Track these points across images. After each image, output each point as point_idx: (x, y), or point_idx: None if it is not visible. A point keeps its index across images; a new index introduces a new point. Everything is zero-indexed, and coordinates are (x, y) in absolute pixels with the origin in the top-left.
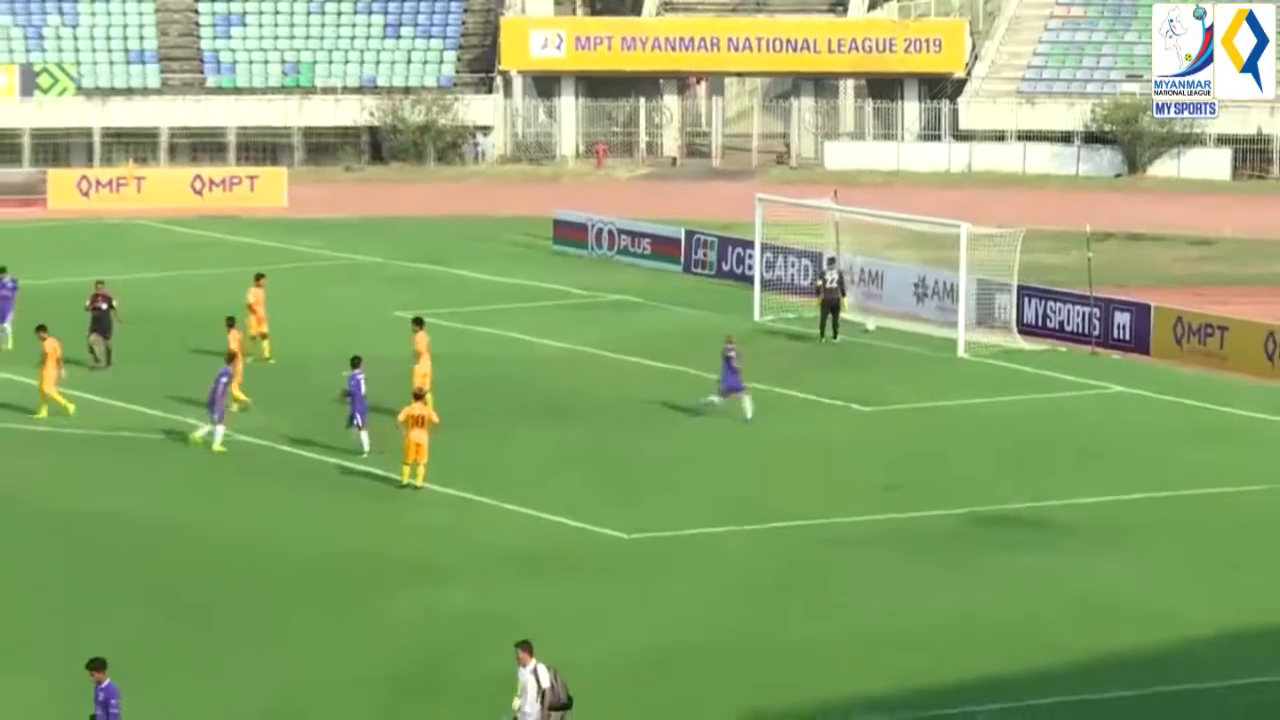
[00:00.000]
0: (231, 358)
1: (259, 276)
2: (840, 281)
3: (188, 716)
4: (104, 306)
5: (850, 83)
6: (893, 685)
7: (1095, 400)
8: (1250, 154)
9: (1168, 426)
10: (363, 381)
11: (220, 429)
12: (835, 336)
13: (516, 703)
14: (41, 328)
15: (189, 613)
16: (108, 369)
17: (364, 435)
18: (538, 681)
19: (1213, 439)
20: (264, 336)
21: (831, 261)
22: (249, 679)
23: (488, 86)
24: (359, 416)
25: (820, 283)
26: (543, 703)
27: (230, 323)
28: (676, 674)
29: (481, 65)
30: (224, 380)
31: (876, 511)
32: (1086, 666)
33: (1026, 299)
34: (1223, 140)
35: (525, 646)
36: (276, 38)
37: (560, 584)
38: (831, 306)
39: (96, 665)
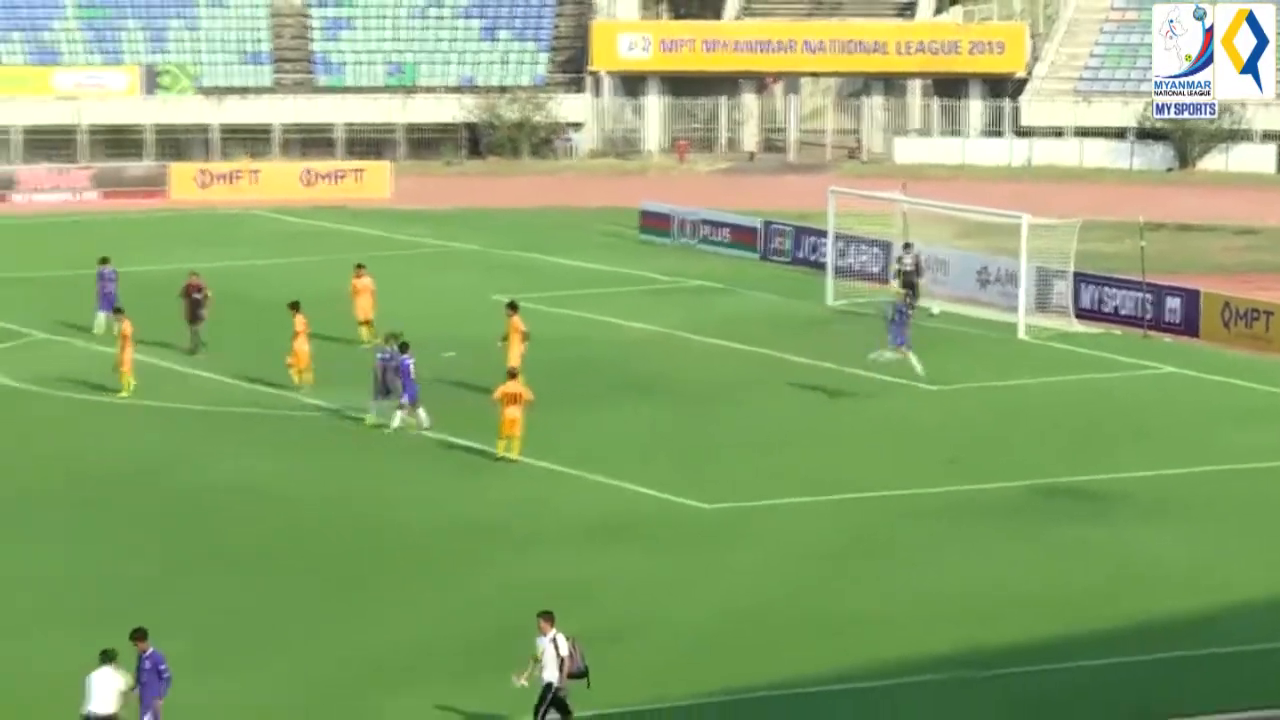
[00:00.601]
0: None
1: (359, 266)
2: (917, 264)
3: (275, 671)
4: (196, 296)
5: (918, 82)
6: (953, 647)
7: (1148, 380)
8: None
9: (1216, 405)
10: (412, 365)
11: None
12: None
13: (531, 669)
14: (119, 310)
15: (286, 576)
16: (199, 353)
17: (416, 413)
18: (556, 650)
19: (1259, 417)
20: (366, 324)
21: (908, 246)
22: (340, 637)
23: (578, 86)
24: (407, 395)
25: (897, 265)
26: (561, 670)
27: (295, 307)
28: (748, 636)
29: (573, 66)
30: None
31: (941, 484)
32: (1139, 629)
33: (1083, 285)
34: (1269, 136)
35: (547, 616)
36: (382, 40)
37: (643, 551)
38: (909, 287)
39: (139, 635)
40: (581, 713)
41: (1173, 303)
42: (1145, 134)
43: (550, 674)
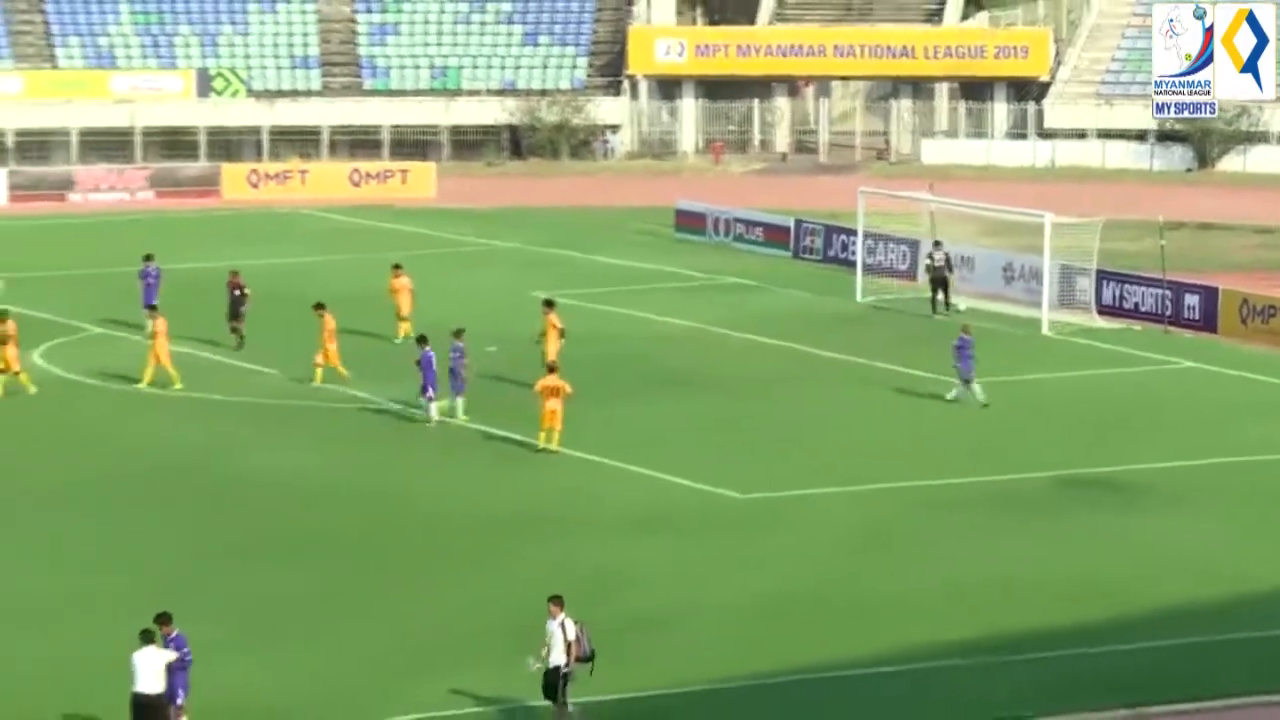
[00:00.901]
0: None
1: (396, 266)
2: (947, 260)
3: (305, 656)
4: (236, 293)
5: (945, 85)
6: (977, 633)
7: (1167, 374)
8: None
9: (1234, 399)
10: (434, 359)
11: (460, 400)
12: (949, 308)
13: (543, 652)
14: (152, 307)
15: (321, 565)
16: (241, 348)
17: (434, 406)
18: (564, 634)
19: (1276, 410)
20: (403, 319)
21: (938, 244)
22: (372, 622)
23: (616, 89)
24: (430, 388)
25: (929, 262)
26: (569, 654)
27: (320, 307)
28: (779, 622)
29: (611, 70)
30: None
31: (967, 475)
32: (1159, 616)
33: (1105, 282)
34: None
35: (557, 601)
36: (426, 45)
37: (679, 540)
38: (940, 283)
39: (163, 619)
40: (619, 695)
41: (1192, 300)
42: (1165, 136)
43: (557, 657)
